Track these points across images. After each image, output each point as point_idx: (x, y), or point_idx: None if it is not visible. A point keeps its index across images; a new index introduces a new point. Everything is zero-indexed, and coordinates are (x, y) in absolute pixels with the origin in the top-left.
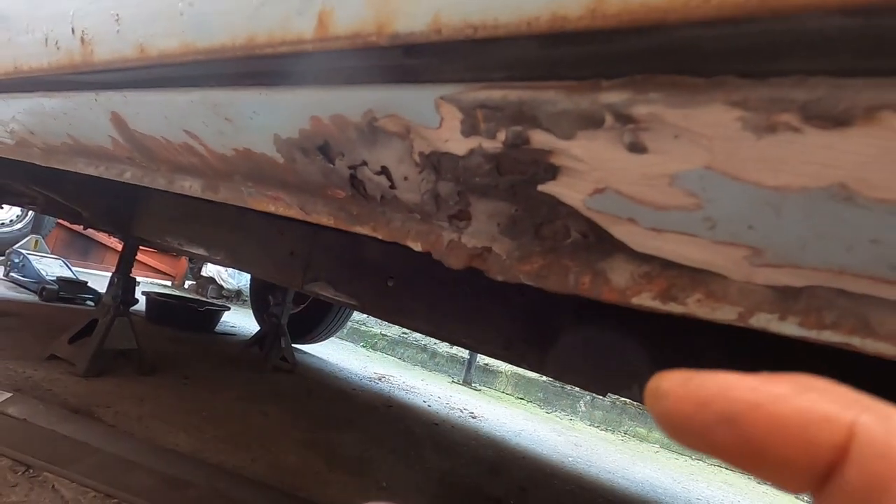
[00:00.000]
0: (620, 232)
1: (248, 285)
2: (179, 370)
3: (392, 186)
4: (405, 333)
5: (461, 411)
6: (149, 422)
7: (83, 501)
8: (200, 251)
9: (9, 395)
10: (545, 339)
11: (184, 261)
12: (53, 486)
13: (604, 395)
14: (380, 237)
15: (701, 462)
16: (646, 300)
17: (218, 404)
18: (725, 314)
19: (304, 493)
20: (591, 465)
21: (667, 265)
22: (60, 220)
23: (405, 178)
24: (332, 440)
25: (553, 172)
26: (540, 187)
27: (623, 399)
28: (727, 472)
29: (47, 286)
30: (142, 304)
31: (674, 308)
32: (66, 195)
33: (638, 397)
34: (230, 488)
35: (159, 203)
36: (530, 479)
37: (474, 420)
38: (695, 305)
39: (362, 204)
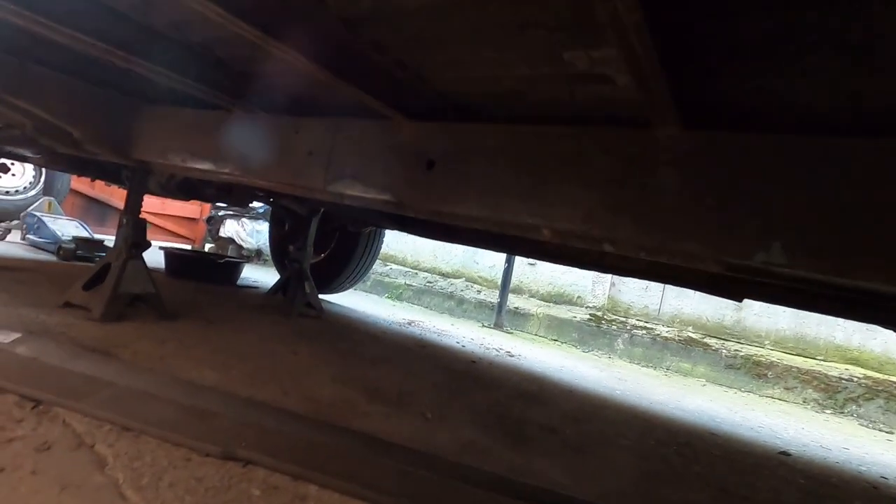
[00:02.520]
0: None
1: (267, 244)
2: (202, 316)
3: None
4: (430, 282)
5: (497, 351)
6: (171, 360)
7: (97, 435)
8: (206, 165)
9: (17, 335)
10: (636, 205)
11: (202, 224)
12: (64, 420)
13: (727, 271)
14: None
15: (752, 393)
16: None
17: (244, 345)
18: None
19: (343, 424)
20: (640, 397)
21: None
22: (74, 186)
23: None
24: (367, 376)
25: None
26: None
27: (664, 335)
28: (782, 402)
29: (64, 245)
30: (161, 262)
31: None
32: (55, 111)
33: (781, 260)
34: (262, 419)
35: (157, 117)
36: (581, 411)
37: (512, 358)
38: None
39: None
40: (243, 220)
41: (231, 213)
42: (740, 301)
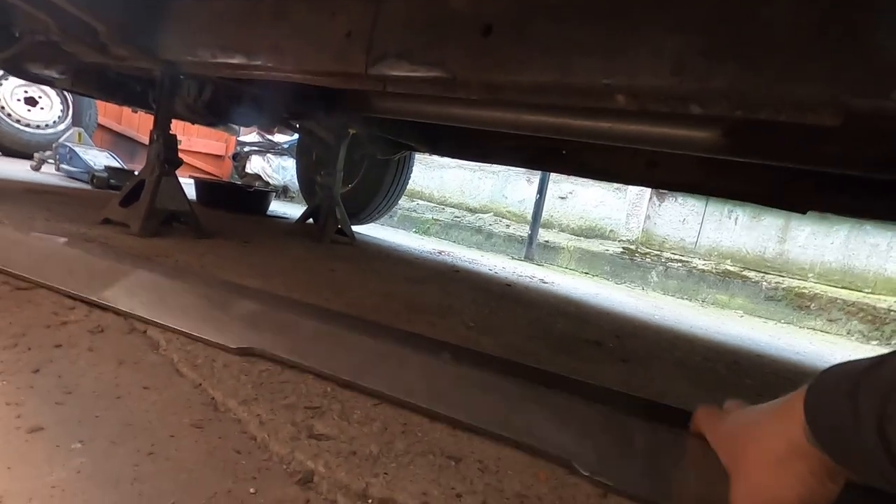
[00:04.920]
0: None
1: (294, 180)
2: (237, 237)
3: None
4: (458, 217)
5: (530, 278)
6: (212, 269)
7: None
8: (237, 59)
9: (64, 239)
10: (739, 45)
11: (228, 161)
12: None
13: (845, 120)
14: None
15: (792, 325)
16: None
17: (281, 261)
18: None
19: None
20: (679, 322)
21: None
22: (101, 122)
23: None
24: (406, 291)
25: None
26: None
27: (700, 268)
28: (824, 333)
29: (97, 174)
30: (192, 194)
31: None
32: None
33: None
34: (302, 315)
35: (183, 12)
36: (622, 330)
37: (546, 285)
38: None
39: None
40: (269, 155)
41: (256, 148)
42: (804, 213)
